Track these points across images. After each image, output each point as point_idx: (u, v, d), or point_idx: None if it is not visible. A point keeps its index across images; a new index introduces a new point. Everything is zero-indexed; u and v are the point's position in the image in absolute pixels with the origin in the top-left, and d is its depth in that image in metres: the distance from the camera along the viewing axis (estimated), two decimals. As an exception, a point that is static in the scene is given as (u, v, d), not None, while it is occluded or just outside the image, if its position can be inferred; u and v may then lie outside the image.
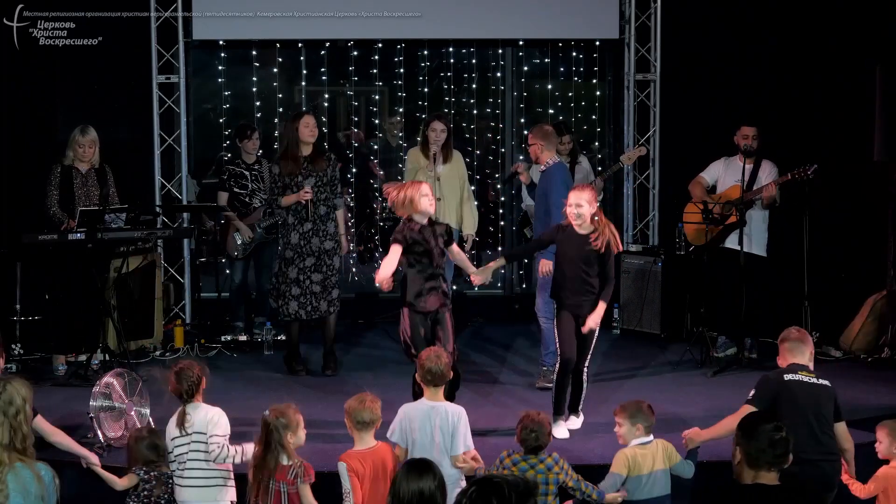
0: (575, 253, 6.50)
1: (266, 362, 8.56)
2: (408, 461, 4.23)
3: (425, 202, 6.48)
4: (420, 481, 3.99)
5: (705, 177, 8.76)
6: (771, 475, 4.21)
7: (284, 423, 5.08)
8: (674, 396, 7.52)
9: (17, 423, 4.22)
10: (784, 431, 4.28)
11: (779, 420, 4.45)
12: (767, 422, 4.33)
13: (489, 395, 7.57)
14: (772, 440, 4.23)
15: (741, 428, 4.38)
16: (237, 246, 8.96)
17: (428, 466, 4.05)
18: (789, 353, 5.55)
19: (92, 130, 8.36)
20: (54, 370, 8.01)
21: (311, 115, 8.26)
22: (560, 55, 10.57)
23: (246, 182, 9.01)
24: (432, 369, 5.46)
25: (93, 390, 6.12)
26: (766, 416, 4.42)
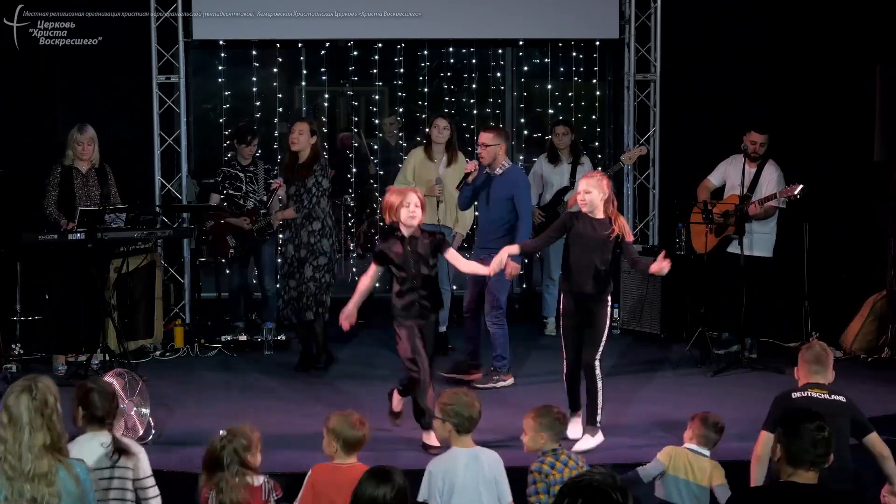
0: (590, 238, 6.32)
1: (266, 362, 8.55)
2: (369, 469, 4.11)
3: (404, 213, 6.24)
4: (377, 489, 3.96)
5: (712, 179, 8.75)
6: (809, 474, 4.14)
7: (244, 444, 4.59)
8: (674, 396, 7.52)
9: (53, 423, 4.12)
10: (826, 431, 4.19)
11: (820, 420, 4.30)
12: (811, 420, 4.23)
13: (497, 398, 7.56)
14: (814, 439, 4.15)
15: (783, 425, 4.29)
16: (231, 248, 8.96)
17: (388, 475, 4.00)
18: (809, 372, 5.39)
19: (90, 128, 8.35)
20: (54, 370, 8.01)
21: (301, 122, 8.22)
22: (560, 55, 10.57)
23: (240, 184, 9.00)
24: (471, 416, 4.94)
25: (93, 390, 6.11)
26: (809, 414, 4.29)
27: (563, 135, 9.35)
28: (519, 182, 7.64)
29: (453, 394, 5.07)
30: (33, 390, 4.08)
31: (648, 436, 6.54)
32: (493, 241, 7.49)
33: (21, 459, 3.97)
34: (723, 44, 9.76)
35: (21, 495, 3.94)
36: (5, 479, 3.97)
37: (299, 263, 8.02)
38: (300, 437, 6.49)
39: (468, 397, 5.03)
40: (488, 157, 7.55)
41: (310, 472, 4.89)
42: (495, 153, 7.55)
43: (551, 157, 9.41)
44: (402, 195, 6.33)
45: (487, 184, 7.62)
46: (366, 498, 3.93)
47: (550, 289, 9.44)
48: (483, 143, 7.55)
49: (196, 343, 8.75)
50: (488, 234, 7.64)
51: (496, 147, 7.54)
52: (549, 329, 9.52)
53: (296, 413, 7.09)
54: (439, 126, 8.54)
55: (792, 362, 8.28)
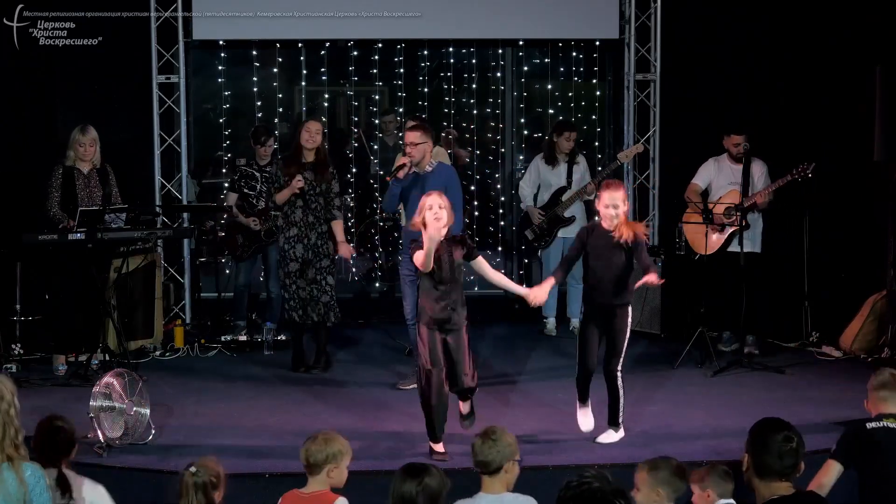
0: (606, 248, 6.30)
1: (266, 362, 8.55)
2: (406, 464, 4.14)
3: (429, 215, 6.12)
4: (404, 484, 3.95)
5: (699, 182, 8.77)
6: (784, 485, 4.10)
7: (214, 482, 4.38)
8: (674, 396, 7.51)
9: (9, 417, 4.08)
10: (795, 442, 4.12)
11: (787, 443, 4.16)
12: (777, 431, 4.17)
13: (497, 398, 7.56)
14: (780, 451, 4.10)
15: (752, 434, 4.22)
16: (239, 247, 8.96)
17: (419, 471, 4.01)
18: (882, 402, 5.10)
19: (92, 129, 8.35)
20: (54, 370, 8.01)
21: (315, 121, 8.21)
22: (560, 55, 10.57)
23: (255, 183, 9.02)
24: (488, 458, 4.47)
25: (93, 390, 6.11)
26: (776, 424, 4.23)
27: (572, 140, 9.36)
28: (450, 178, 7.46)
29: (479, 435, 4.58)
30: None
31: (648, 436, 6.53)
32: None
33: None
34: (723, 44, 9.76)
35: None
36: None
37: (305, 264, 8.01)
38: (300, 437, 6.48)
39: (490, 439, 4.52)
40: (417, 155, 7.35)
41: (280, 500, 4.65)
42: (424, 151, 7.36)
43: (548, 159, 9.41)
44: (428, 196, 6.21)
45: (416, 183, 7.39)
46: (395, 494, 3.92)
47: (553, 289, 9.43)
48: (412, 142, 7.34)
49: (196, 343, 8.75)
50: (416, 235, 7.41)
51: (425, 145, 7.37)
52: (549, 329, 9.52)
53: (296, 413, 7.09)
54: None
55: (792, 362, 8.39)
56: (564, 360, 8.30)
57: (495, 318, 9.98)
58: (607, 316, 6.34)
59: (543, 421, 6.85)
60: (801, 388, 7.68)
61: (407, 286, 7.58)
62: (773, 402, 7.19)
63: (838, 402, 7.14)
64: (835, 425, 6.66)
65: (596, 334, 6.35)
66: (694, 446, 6.22)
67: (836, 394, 7.48)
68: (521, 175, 10.82)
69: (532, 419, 6.89)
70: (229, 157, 10.08)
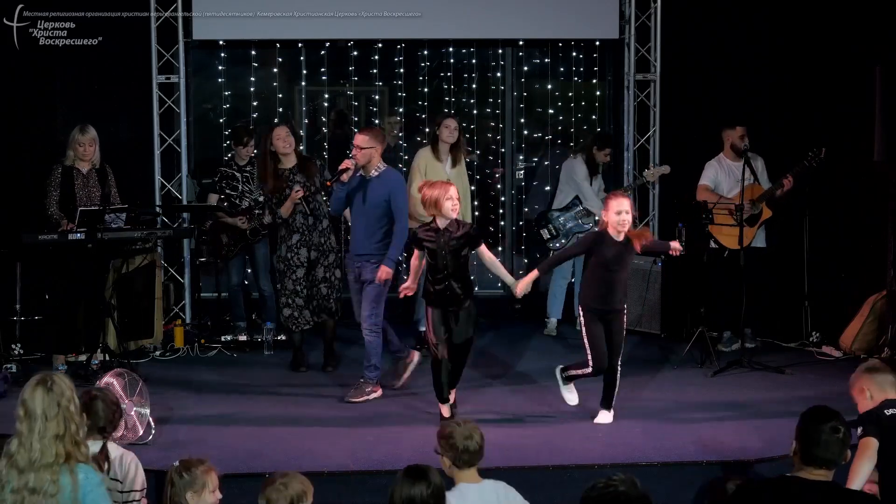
0: (614, 257, 6.68)
1: (266, 362, 8.55)
2: (406, 468, 4.14)
3: (448, 205, 6.59)
4: (413, 487, 3.97)
5: (707, 182, 8.77)
6: (821, 472, 4.15)
7: (187, 481, 4.46)
8: (674, 396, 7.51)
9: (70, 413, 4.06)
10: (841, 433, 4.18)
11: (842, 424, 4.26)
12: (826, 421, 4.24)
13: (496, 398, 7.56)
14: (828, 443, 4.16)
15: (801, 421, 4.30)
16: (224, 247, 8.96)
17: (424, 474, 4.02)
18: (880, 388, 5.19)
19: (91, 129, 8.36)
20: (54, 370, 7.99)
21: (283, 126, 8.20)
22: (560, 55, 10.57)
23: (236, 184, 9.01)
24: (468, 448, 4.59)
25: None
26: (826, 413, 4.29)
27: (609, 157, 9.49)
28: (396, 183, 7.46)
29: (451, 424, 4.71)
30: (48, 382, 4.09)
31: (648, 436, 6.53)
32: (370, 245, 7.39)
33: (31, 450, 3.99)
34: (723, 44, 9.76)
35: (25, 485, 3.95)
36: (17, 472, 3.98)
37: (311, 266, 8.00)
38: (300, 437, 6.49)
39: (464, 428, 4.63)
40: (363, 159, 7.31)
41: None
42: (370, 155, 7.31)
43: (591, 170, 9.43)
44: (445, 189, 6.64)
45: (362, 187, 7.38)
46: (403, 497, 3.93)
47: (562, 287, 9.45)
48: (358, 145, 7.32)
49: (196, 343, 8.75)
50: (364, 240, 7.40)
51: (372, 150, 7.30)
52: (550, 329, 9.52)
53: (296, 413, 7.09)
54: (450, 127, 8.51)
55: (792, 362, 8.39)
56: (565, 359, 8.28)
57: (495, 318, 9.97)
58: (611, 321, 6.76)
59: (543, 421, 6.85)
60: (801, 388, 7.67)
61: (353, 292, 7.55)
62: (773, 402, 7.19)
63: (838, 402, 7.05)
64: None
65: (602, 338, 6.74)
66: (694, 446, 6.22)
67: (836, 394, 7.45)
68: (520, 175, 10.85)
69: (532, 419, 6.89)
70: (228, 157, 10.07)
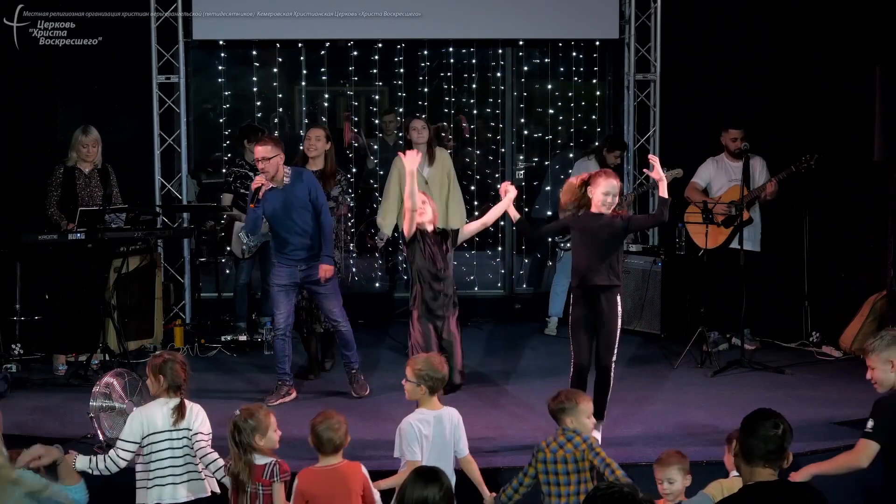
0: (597, 230, 6.35)
1: (266, 362, 8.54)
2: (416, 469, 4.23)
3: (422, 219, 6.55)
4: (425, 489, 3.99)
5: (699, 181, 8.83)
6: (766, 471, 4.19)
7: (253, 426, 4.96)
8: (674, 396, 7.52)
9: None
10: (781, 430, 4.21)
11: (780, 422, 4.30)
12: (767, 418, 4.27)
13: (495, 398, 7.56)
14: (766, 436, 4.19)
15: (743, 420, 4.34)
16: (242, 246, 8.96)
17: (435, 475, 4.05)
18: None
19: (94, 130, 8.38)
20: (54, 370, 8.01)
21: (317, 128, 8.21)
22: (560, 55, 10.57)
23: (250, 182, 9.01)
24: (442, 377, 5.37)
25: (93, 390, 6.12)
26: (767, 412, 4.32)
27: (618, 159, 9.39)
28: (312, 180, 7.40)
29: (424, 359, 5.46)
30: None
31: (648, 436, 6.54)
32: (314, 246, 7.32)
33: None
34: (723, 44, 9.76)
35: None
36: None
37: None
38: (300, 437, 6.49)
39: (437, 360, 5.42)
40: (272, 170, 7.17)
41: (296, 479, 4.97)
42: (277, 164, 7.19)
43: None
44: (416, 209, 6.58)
45: (280, 196, 7.24)
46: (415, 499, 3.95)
47: (563, 286, 9.42)
48: (263, 157, 7.14)
49: (196, 343, 8.75)
50: (305, 242, 7.31)
51: (277, 157, 7.18)
52: (551, 329, 9.52)
53: (296, 413, 7.09)
54: (417, 128, 8.43)
55: (792, 362, 8.39)
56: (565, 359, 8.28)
57: (495, 318, 9.98)
58: (596, 301, 6.33)
59: (544, 420, 6.84)
60: (801, 388, 7.68)
61: (281, 295, 7.37)
62: (773, 402, 7.12)
63: (838, 402, 7.15)
64: (835, 425, 6.68)
65: (586, 328, 6.37)
66: (694, 446, 6.22)
67: (836, 394, 7.48)
68: (521, 175, 10.85)
69: (532, 419, 6.89)
70: (229, 158, 10.07)
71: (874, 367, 5.10)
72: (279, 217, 7.29)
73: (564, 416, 5.20)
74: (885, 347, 5.06)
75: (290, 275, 7.34)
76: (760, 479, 4.20)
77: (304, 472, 5.00)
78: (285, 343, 7.37)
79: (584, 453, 5.07)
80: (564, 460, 5.08)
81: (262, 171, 7.21)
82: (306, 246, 7.31)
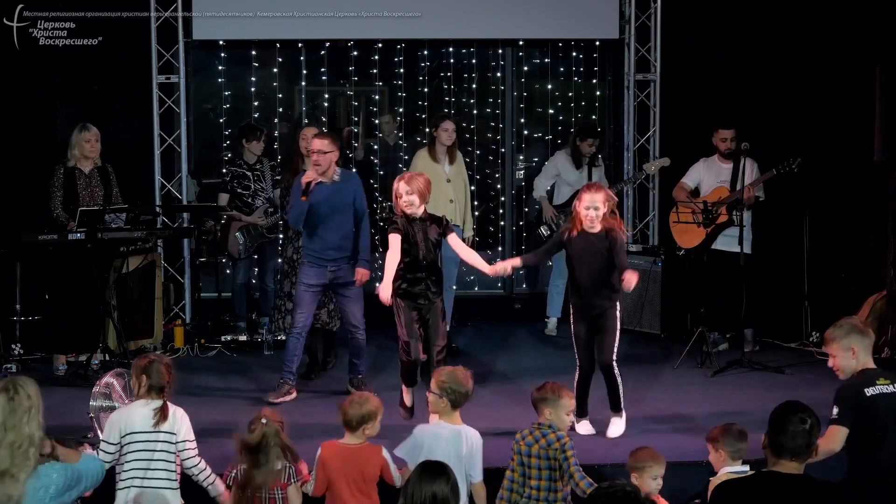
0: (592, 253, 6.43)
1: (266, 362, 8.55)
2: (422, 463, 4.22)
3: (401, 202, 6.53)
4: (433, 484, 3.99)
5: (687, 181, 8.88)
6: (792, 464, 4.20)
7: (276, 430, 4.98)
8: (674, 396, 7.52)
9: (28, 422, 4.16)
10: (808, 424, 4.25)
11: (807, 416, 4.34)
12: (794, 413, 4.33)
13: (495, 398, 7.55)
14: (794, 431, 4.23)
15: (772, 413, 4.40)
16: (239, 246, 8.97)
17: (442, 470, 4.05)
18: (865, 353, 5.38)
19: (93, 127, 8.39)
20: (54, 370, 8.01)
21: (311, 127, 8.27)
22: (560, 55, 10.57)
23: (248, 182, 9.03)
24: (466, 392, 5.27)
25: (93, 390, 6.12)
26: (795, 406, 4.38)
27: (594, 146, 9.35)
28: (359, 185, 7.49)
29: (450, 371, 5.33)
30: (10, 391, 4.13)
31: (648, 436, 6.53)
32: (347, 247, 7.34)
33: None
34: (723, 44, 9.76)
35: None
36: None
37: None
38: (300, 437, 6.48)
39: (462, 374, 5.30)
40: (326, 165, 7.19)
41: (319, 449, 5.15)
42: (331, 160, 7.21)
43: (576, 162, 9.38)
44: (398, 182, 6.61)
45: (326, 193, 7.25)
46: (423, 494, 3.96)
47: (559, 288, 9.43)
48: (320, 150, 7.15)
49: (196, 343, 8.75)
50: (340, 242, 7.31)
51: (332, 154, 7.20)
52: (551, 328, 9.51)
53: (296, 413, 7.07)
54: (448, 129, 8.57)
55: (792, 362, 8.38)
56: (565, 359, 8.29)
57: (495, 318, 9.98)
58: (596, 318, 6.51)
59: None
60: (801, 388, 7.66)
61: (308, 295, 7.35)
62: (773, 402, 7.14)
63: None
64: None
65: (587, 337, 6.55)
66: (694, 446, 6.22)
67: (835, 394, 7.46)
68: (520, 175, 10.84)
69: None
70: (229, 157, 10.07)
71: (835, 356, 5.34)
72: (321, 213, 7.26)
73: (544, 407, 5.23)
74: (844, 335, 5.34)
75: (319, 275, 7.31)
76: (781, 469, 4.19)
77: (327, 443, 5.19)
78: (298, 342, 7.37)
79: (556, 453, 5.11)
80: (538, 455, 5.15)
81: (315, 163, 7.20)
82: (340, 246, 7.32)
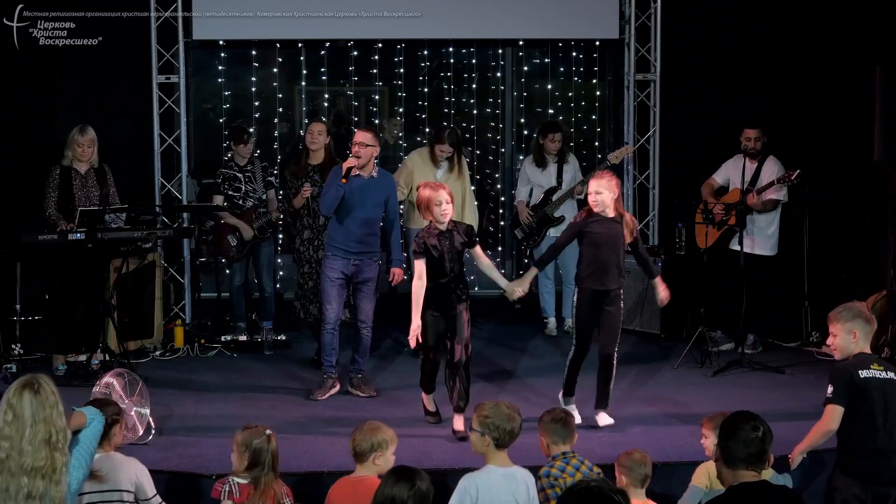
0: (607, 236, 6.63)
1: (266, 362, 8.55)
2: (394, 467, 4.16)
3: (437, 211, 6.50)
4: (395, 487, 3.96)
5: (717, 178, 8.88)
6: (750, 473, 4.18)
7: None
8: (674, 396, 7.52)
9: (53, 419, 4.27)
10: (761, 432, 4.21)
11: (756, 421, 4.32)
12: (746, 421, 4.27)
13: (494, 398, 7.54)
14: (746, 439, 4.18)
15: (722, 423, 4.36)
16: (232, 248, 8.96)
17: (410, 475, 4.01)
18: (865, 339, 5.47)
19: (90, 130, 8.37)
20: (54, 370, 8.00)
21: (318, 122, 8.50)
22: (560, 55, 10.57)
23: (239, 184, 9.01)
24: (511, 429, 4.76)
25: (93, 390, 6.12)
26: (745, 415, 4.33)
27: (558, 141, 9.34)
28: (393, 186, 7.64)
29: (494, 405, 4.84)
30: (35, 385, 4.15)
31: (648, 436, 6.54)
32: (373, 243, 7.44)
33: (22, 454, 4.00)
34: (723, 44, 9.76)
35: (18, 490, 3.97)
36: (9, 476, 3.99)
37: (318, 264, 8.02)
38: (300, 437, 6.49)
39: (509, 410, 4.79)
40: (365, 157, 7.25)
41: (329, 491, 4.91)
42: (371, 154, 7.29)
43: (538, 161, 9.39)
44: (434, 191, 6.55)
45: (362, 186, 7.32)
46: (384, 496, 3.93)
47: (549, 287, 9.46)
48: (363, 143, 7.23)
49: (196, 343, 8.75)
50: (365, 237, 7.36)
51: (374, 148, 7.30)
52: (550, 329, 9.52)
53: (296, 413, 7.09)
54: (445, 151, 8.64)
55: (792, 362, 8.38)
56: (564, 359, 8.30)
57: (495, 318, 9.98)
58: (605, 303, 6.68)
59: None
60: (801, 388, 7.68)
61: (334, 289, 7.38)
62: (773, 402, 7.19)
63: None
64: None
65: (592, 323, 6.70)
66: (693, 446, 6.22)
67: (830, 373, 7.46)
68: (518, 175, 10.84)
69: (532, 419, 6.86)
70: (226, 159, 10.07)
71: (836, 335, 5.42)
72: (352, 203, 7.31)
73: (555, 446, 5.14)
74: (851, 318, 5.45)
75: (342, 267, 7.37)
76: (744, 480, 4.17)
77: (340, 482, 4.92)
78: (333, 337, 7.43)
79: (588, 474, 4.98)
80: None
81: (355, 154, 7.26)
82: (363, 241, 7.37)
